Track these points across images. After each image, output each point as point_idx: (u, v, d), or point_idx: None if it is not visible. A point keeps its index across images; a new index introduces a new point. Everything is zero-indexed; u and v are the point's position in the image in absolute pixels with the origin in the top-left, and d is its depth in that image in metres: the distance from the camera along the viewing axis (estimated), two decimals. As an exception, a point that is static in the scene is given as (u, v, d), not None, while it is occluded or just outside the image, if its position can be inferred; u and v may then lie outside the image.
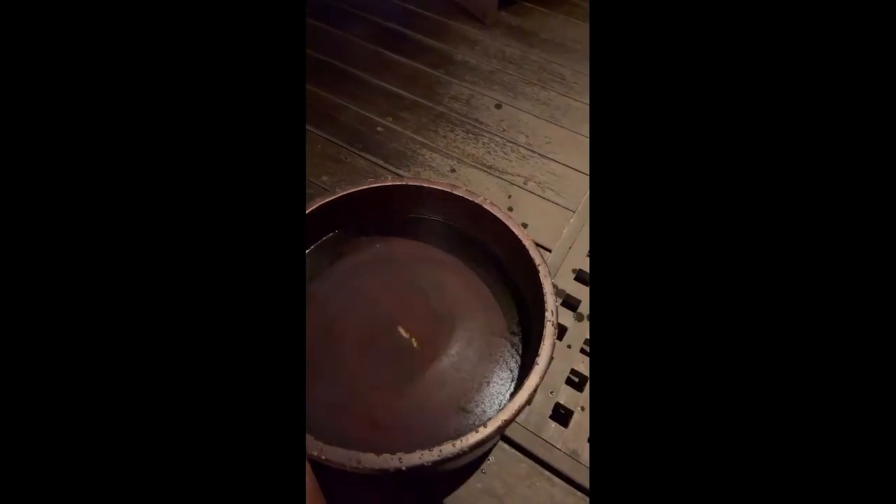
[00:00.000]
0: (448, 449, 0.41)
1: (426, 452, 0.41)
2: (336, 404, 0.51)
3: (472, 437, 0.42)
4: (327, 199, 0.58)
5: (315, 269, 0.61)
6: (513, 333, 0.57)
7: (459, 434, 0.43)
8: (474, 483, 0.53)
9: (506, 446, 0.56)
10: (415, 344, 0.58)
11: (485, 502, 0.52)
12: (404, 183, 0.61)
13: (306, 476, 0.49)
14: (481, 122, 0.90)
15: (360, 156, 0.84)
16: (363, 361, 0.55)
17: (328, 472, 0.51)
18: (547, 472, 0.55)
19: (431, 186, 0.60)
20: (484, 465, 0.55)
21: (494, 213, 0.57)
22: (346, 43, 1.05)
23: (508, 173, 0.82)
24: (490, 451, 0.56)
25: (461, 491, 0.53)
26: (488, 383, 0.53)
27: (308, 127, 0.88)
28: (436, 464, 0.41)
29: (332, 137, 0.86)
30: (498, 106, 0.92)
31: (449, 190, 0.60)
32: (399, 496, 0.53)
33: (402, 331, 0.59)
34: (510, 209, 0.77)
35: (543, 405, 0.60)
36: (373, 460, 0.40)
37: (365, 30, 1.08)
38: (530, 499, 0.53)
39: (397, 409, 0.52)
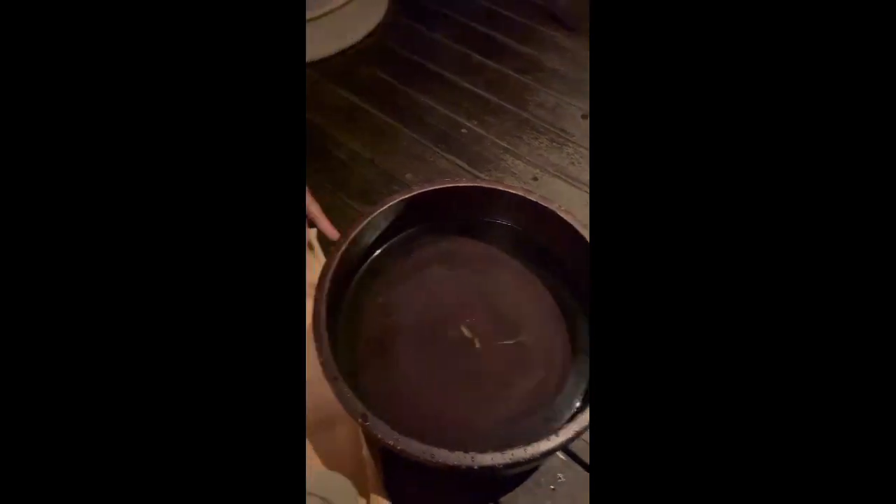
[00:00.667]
0: (519, 453, 0.42)
1: (498, 454, 0.42)
2: (393, 396, 0.53)
3: (544, 445, 0.43)
4: (405, 196, 0.60)
5: (385, 264, 0.64)
6: (579, 347, 0.56)
7: (530, 440, 0.44)
8: (545, 499, 0.54)
9: (578, 467, 0.56)
10: (477, 344, 0.59)
11: None
12: (479, 184, 0.62)
13: (371, 467, 0.52)
14: (566, 132, 0.89)
15: (443, 157, 0.86)
16: (423, 356, 0.57)
17: (391, 465, 0.54)
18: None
19: (506, 189, 0.61)
20: (555, 483, 0.55)
21: (569, 220, 0.57)
22: (435, 44, 1.07)
23: (590, 185, 0.81)
24: (561, 469, 0.56)
25: None
26: (555, 393, 0.53)
27: (397, 124, 0.91)
28: (506, 466, 0.42)
29: (418, 136, 0.89)
30: (584, 116, 0.91)
31: (523, 194, 0.60)
32: (459, 498, 0.54)
33: (464, 330, 0.60)
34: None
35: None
36: (446, 456, 0.42)
37: (453, 31, 1.10)
38: (591, 516, 0.53)
39: (455, 407, 0.53)
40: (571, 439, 0.43)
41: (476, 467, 0.42)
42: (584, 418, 0.44)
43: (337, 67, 1.02)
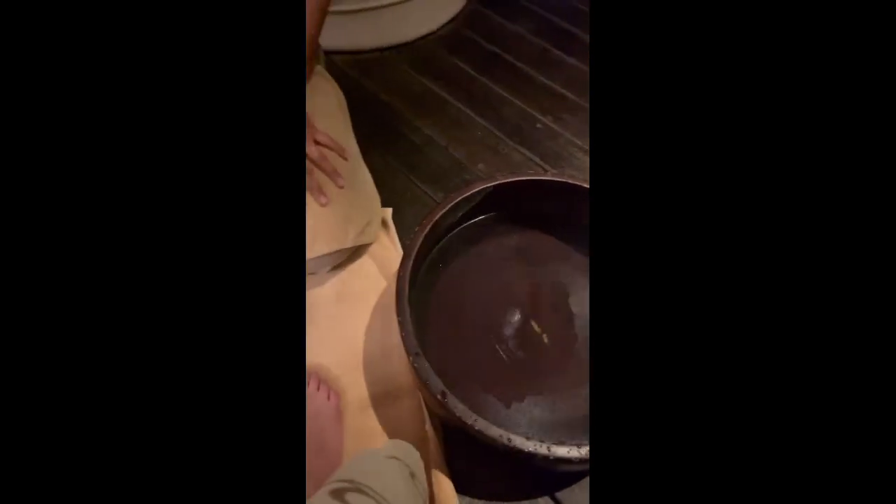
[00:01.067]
0: (595, 450, 0.42)
1: (574, 448, 0.42)
2: (461, 379, 0.53)
3: (620, 446, 0.43)
4: (489, 184, 0.61)
5: (459, 250, 0.64)
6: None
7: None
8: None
9: None
10: (545, 340, 0.59)
11: None
12: (564, 180, 0.62)
13: (434, 442, 0.53)
14: (644, 135, 0.88)
15: (517, 150, 0.86)
16: (493, 345, 0.57)
17: (452, 443, 0.55)
18: None
19: (587, 186, 0.61)
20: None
21: None
22: (514, 36, 1.07)
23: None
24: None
25: (588, 502, 0.54)
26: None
27: (471, 114, 0.91)
28: (580, 461, 0.42)
29: (493, 128, 0.89)
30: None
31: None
32: (523, 479, 0.55)
33: (534, 324, 0.60)
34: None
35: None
36: (523, 443, 0.43)
37: (533, 24, 1.09)
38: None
39: (521, 398, 0.54)
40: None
41: (551, 458, 0.42)
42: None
43: (416, 53, 1.03)
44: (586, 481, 0.55)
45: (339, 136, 0.70)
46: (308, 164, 0.62)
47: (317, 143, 0.64)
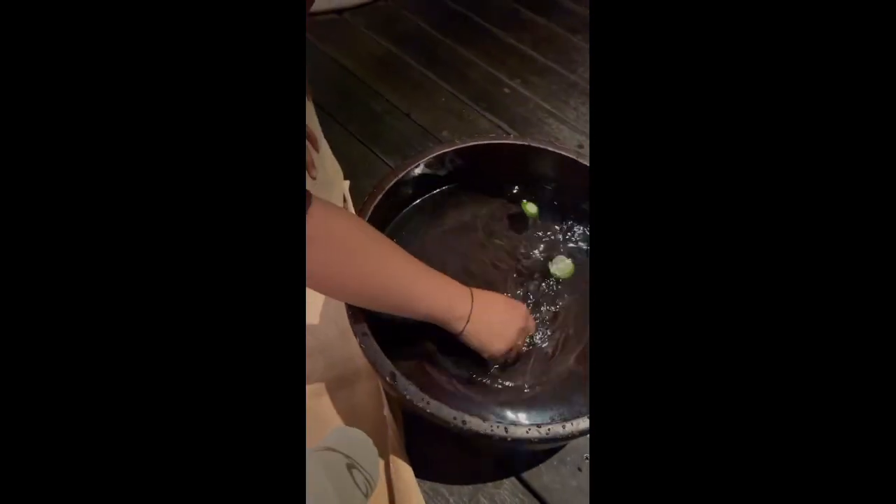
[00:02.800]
0: (556, 429, 0.39)
1: (534, 428, 0.39)
2: (412, 359, 0.50)
3: (583, 423, 0.40)
4: (438, 152, 0.56)
5: (418, 223, 0.60)
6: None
7: (566, 417, 0.41)
8: (569, 479, 0.51)
9: None
10: None
11: (579, 501, 0.51)
12: (526, 142, 0.58)
13: (392, 427, 0.50)
14: (617, 97, 0.84)
15: (483, 116, 0.81)
16: None
17: (413, 427, 0.52)
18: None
19: (556, 150, 0.57)
20: (581, 464, 0.52)
21: None
22: (483, -4, 1.01)
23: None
24: (588, 450, 0.53)
25: (555, 483, 0.51)
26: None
27: (435, 78, 0.86)
28: (541, 441, 0.39)
29: (457, 93, 0.84)
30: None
31: (574, 157, 0.56)
32: (484, 462, 0.52)
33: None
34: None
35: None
36: (478, 424, 0.39)
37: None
38: None
39: (482, 374, 0.50)
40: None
41: (509, 439, 0.39)
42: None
43: (378, 14, 0.97)
44: (552, 462, 0.52)
45: (308, 121, 0.65)
46: None
47: None
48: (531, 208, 0.57)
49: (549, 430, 0.39)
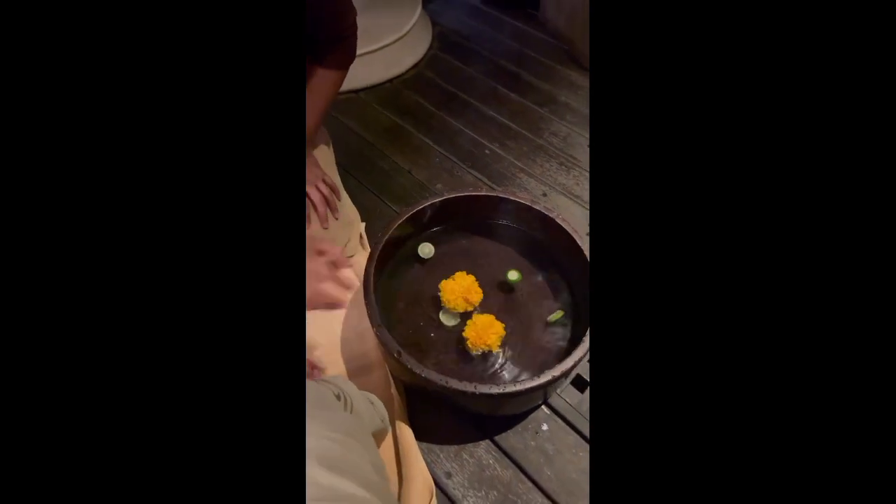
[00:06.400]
0: (510, 387, 0.58)
1: (494, 386, 0.58)
2: (413, 350, 0.69)
3: (528, 383, 0.58)
4: (434, 201, 0.77)
5: (415, 257, 0.80)
6: (565, 318, 0.72)
7: (518, 381, 0.60)
8: (530, 440, 0.69)
9: (559, 420, 0.71)
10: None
11: (535, 457, 0.68)
12: (494, 194, 0.79)
13: (398, 401, 0.68)
14: (575, 158, 1.06)
15: (469, 172, 1.03)
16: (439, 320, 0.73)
17: (413, 402, 0.70)
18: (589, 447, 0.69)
19: (516, 199, 0.77)
20: (539, 430, 0.70)
21: (564, 226, 0.73)
22: (468, 77, 1.26)
23: (590, 202, 0.97)
24: (545, 420, 0.71)
25: (519, 443, 0.69)
26: (542, 350, 0.69)
27: (430, 143, 1.09)
28: (501, 396, 0.58)
29: (448, 154, 1.07)
30: (591, 146, 1.07)
31: (529, 203, 0.77)
32: (467, 429, 0.70)
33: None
34: (588, 234, 0.92)
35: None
36: (456, 384, 0.58)
37: (485, 67, 1.28)
38: (573, 463, 0.67)
39: (466, 360, 0.69)
40: (551, 382, 0.59)
41: (477, 393, 0.57)
42: (561, 367, 0.59)
43: (385, 93, 1.21)
44: (517, 428, 0.70)
45: (333, 176, 0.89)
46: (319, 199, 0.80)
47: (324, 183, 0.82)
48: (513, 275, 0.74)
49: (504, 387, 0.58)
